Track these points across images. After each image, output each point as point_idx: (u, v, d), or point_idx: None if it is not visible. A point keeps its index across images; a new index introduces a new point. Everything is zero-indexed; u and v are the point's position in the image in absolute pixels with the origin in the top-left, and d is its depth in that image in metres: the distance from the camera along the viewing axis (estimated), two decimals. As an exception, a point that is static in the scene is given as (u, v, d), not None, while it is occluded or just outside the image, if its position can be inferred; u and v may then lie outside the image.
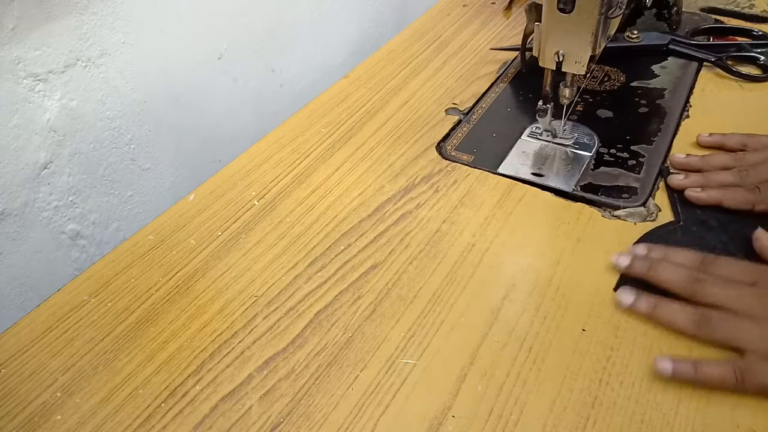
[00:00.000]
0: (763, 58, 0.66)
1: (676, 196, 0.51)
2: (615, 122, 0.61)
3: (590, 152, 0.57)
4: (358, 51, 0.84)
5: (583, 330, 0.42)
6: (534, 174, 0.55)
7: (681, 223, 0.49)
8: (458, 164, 0.57)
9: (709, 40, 0.72)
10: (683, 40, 0.69)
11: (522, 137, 0.60)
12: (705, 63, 0.67)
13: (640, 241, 0.48)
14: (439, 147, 0.60)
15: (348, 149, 0.60)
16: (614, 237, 0.48)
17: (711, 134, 0.56)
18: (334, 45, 0.81)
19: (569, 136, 0.59)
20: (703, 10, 0.78)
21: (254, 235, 0.51)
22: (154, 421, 0.39)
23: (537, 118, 0.57)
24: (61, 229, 0.54)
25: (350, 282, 0.47)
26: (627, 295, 0.43)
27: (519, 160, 0.57)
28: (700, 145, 0.56)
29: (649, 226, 0.49)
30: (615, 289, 0.44)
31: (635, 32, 0.70)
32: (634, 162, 0.56)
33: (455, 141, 0.60)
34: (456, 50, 0.75)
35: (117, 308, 0.46)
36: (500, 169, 0.56)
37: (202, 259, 0.50)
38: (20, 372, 0.42)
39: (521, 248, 0.49)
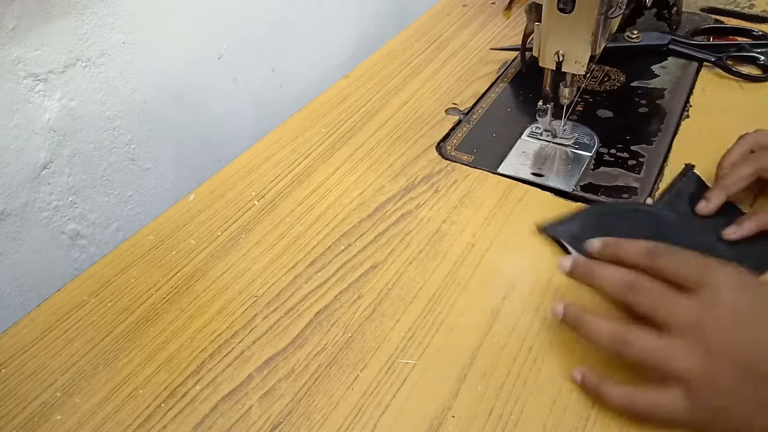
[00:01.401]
0: (763, 58, 0.66)
1: None
2: (615, 122, 0.61)
3: (590, 152, 0.57)
4: (358, 51, 0.84)
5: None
6: (534, 174, 0.55)
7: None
8: (458, 164, 0.57)
9: (709, 40, 0.72)
10: (683, 40, 0.69)
11: (522, 137, 0.60)
12: (705, 63, 0.67)
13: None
14: (439, 147, 0.60)
15: (348, 149, 0.60)
16: (614, 237, 0.48)
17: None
18: (334, 45, 0.81)
19: (569, 136, 0.59)
20: (703, 10, 0.77)
21: (254, 235, 0.51)
22: (154, 421, 0.39)
23: (537, 118, 0.57)
24: (61, 229, 0.54)
25: (350, 282, 0.47)
26: (564, 263, 0.41)
27: (519, 160, 0.57)
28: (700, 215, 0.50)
29: (649, 226, 0.49)
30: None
31: (635, 32, 0.70)
32: (634, 162, 0.56)
33: (455, 141, 0.60)
34: (456, 50, 0.75)
35: (117, 308, 0.46)
36: (500, 169, 0.56)
37: (202, 259, 0.50)
38: (20, 372, 0.42)
39: (521, 248, 0.49)
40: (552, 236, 0.49)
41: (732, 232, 0.47)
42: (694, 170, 0.53)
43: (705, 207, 0.49)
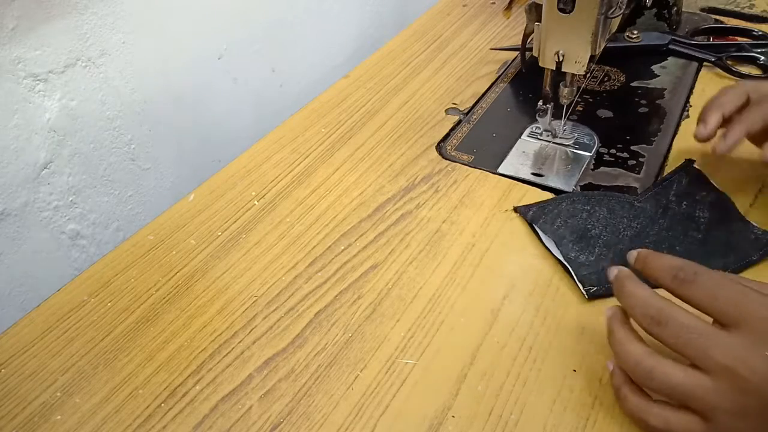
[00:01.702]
0: (763, 58, 0.66)
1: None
2: (615, 122, 0.61)
3: (590, 152, 0.57)
4: (358, 51, 0.84)
5: (583, 330, 0.42)
6: (534, 174, 0.55)
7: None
8: (458, 164, 0.57)
9: (709, 40, 0.72)
10: (683, 40, 0.69)
11: (522, 137, 0.60)
12: (705, 63, 0.67)
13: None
14: (439, 147, 0.60)
15: (348, 149, 0.60)
16: (614, 237, 0.48)
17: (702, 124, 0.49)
18: (334, 45, 0.81)
19: (569, 136, 0.59)
20: (703, 10, 0.78)
21: (254, 235, 0.51)
22: (154, 421, 0.39)
23: (537, 118, 0.57)
24: (61, 229, 0.54)
25: (350, 282, 0.47)
26: (611, 272, 0.38)
27: (519, 160, 0.57)
28: (701, 139, 0.49)
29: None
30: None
31: (635, 32, 0.70)
32: (634, 162, 0.56)
33: (455, 141, 0.60)
34: (456, 50, 0.75)
35: (117, 308, 0.46)
36: (500, 169, 0.56)
37: (202, 259, 0.50)
38: (20, 372, 0.42)
39: (521, 248, 0.49)
40: (527, 221, 0.50)
41: (723, 146, 0.46)
42: (694, 165, 0.53)
43: (703, 129, 0.48)
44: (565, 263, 0.46)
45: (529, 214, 0.50)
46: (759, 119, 0.46)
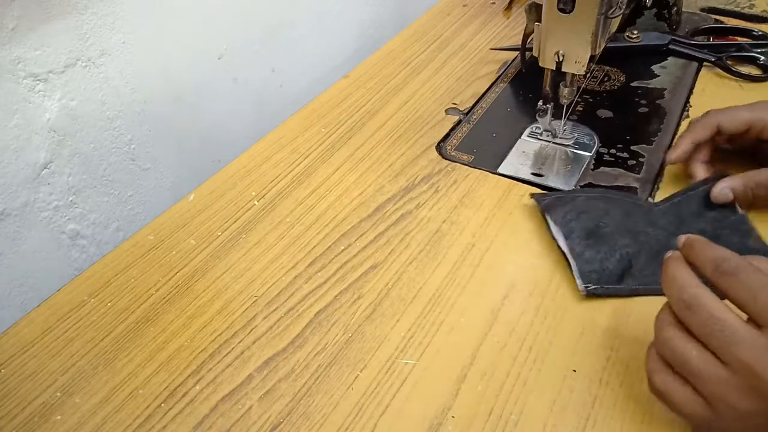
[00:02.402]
0: (763, 58, 0.66)
1: None
2: (615, 122, 0.61)
3: (590, 152, 0.57)
4: (358, 51, 0.84)
5: (583, 330, 0.42)
6: (534, 174, 0.55)
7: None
8: (458, 164, 0.57)
9: (709, 40, 0.72)
10: (683, 40, 0.69)
11: (522, 137, 0.60)
12: (705, 63, 0.67)
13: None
14: (439, 147, 0.60)
15: (348, 149, 0.60)
16: (614, 237, 0.48)
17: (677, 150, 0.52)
18: (334, 45, 0.81)
19: (569, 136, 0.59)
20: (703, 10, 0.78)
21: (254, 235, 0.51)
22: (154, 421, 0.39)
23: (537, 118, 0.57)
24: (61, 229, 0.54)
25: (350, 282, 0.47)
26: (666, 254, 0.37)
27: (519, 160, 0.57)
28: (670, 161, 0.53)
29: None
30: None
31: (635, 32, 0.70)
32: (634, 162, 0.56)
33: (455, 141, 0.60)
34: (456, 50, 0.75)
35: (117, 308, 0.46)
36: (500, 169, 0.56)
37: (202, 259, 0.50)
38: (20, 372, 0.42)
39: (521, 248, 0.49)
40: (540, 209, 0.50)
41: (672, 156, 0.51)
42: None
43: (673, 152, 0.52)
44: (569, 255, 0.45)
45: (544, 202, 0.50)
46: (701, 129, 0.51)
